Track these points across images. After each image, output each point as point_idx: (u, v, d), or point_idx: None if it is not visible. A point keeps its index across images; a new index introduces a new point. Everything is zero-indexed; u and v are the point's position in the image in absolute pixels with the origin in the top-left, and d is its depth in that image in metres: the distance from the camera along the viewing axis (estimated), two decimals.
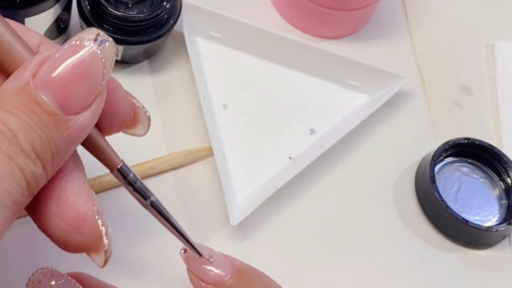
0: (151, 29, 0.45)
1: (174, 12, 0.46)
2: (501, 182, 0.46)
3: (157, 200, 0.29)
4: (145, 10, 0.44)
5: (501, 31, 0.56)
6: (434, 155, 0.45)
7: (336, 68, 0.49)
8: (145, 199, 0.29)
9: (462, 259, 0.44)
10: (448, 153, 0.46)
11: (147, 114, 0.30)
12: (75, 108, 0.24)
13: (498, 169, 0.46)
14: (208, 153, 0.44)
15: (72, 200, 0.25)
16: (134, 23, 0.44)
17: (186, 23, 0.48)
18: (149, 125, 0.31)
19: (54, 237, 0.25)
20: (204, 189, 0.43)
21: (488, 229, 0.43)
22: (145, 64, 0.48)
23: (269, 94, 0.49)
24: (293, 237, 0.43)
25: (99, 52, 0.24)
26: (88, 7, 0.45)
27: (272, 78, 0.49)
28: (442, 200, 0.43)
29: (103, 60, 0.24)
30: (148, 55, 0.48)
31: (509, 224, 0.43)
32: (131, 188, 0.28)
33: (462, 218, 0.42)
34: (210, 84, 0.48)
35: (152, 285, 0.39)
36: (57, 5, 0.42)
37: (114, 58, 0.25)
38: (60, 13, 0.43)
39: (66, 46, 0.24)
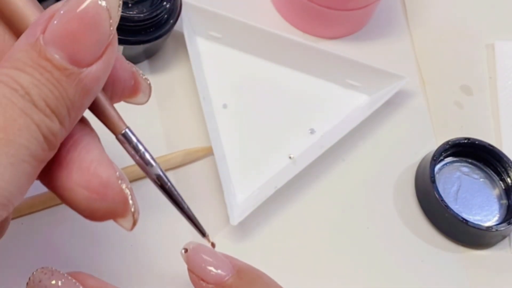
0: (151, 29, 0.45)
1: (174, 12, 0.46)
2: (501, 182, 0.46)
3: (161, 170, 0.29)
4: (145, 10, 0.44)
5: (501, 31, 0.56)
6: (434, 155, 0.45)
7: (336, 68, 0.49)
8: (150, 167, 0.28)
9: (462, 259, 0.44)
10: (448, 153, 0.46)
11: (148, 82, 0.30)
12: (86, 60, 0.24)
13: (498, 169, 0.46)
14: (207, 152, 0.44)
15: (94, 168, 0.25)
16: (134, 23, 0.44)
17: (186, 23, 0.48)
18: (150, 93, 0.30)
19: (79, 207, 0.25)
20: (204, 189, 0.43)
21: (488, 229, 0.43)
22: (145, 64, 0.48)
23: (269, 94, 0.49)
24: (293, 237, 0.43)
25: (103, 2, 0.24)
26: None
27: (272, 78, 0.49)
28: (442, 200, 0.43)
29: (108, 9, 0.24)
30: (148, 55, 0.48)
31: (509, 224, 0.43)
32: (135, 155, 0.28)
33: (462, 218, 0.42)
34: (210, 84, 0.48)
35: (153, 285, 0.39)
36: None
37: (120, 8, 0.25)
38: None
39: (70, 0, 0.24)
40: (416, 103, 0.50)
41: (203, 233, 0.32)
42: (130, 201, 0.25)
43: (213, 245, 0.33)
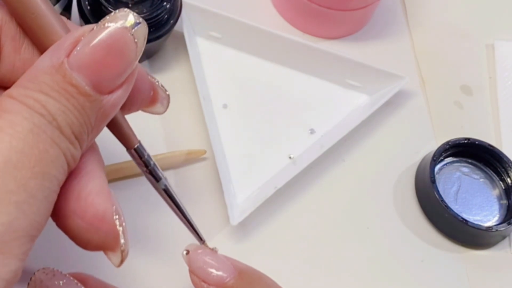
0: (151, 29, 0.45)
1: (174, 12, 0.46)
2: (501, 182, 0.46)
3: (168, 184, 0.30)
4: (145, 10, 0.44)
5: (501, 31, 0.56)
6: (434, 155, 0.45)
7: (336, 68, 0.49)
8: (157, 181, 0.30)
9: (462, 259, 0.44)
10: (448, 153, 0.46)
11: (167, 93, 0.31)
12: (109, 87, 0.24)
13: (498, 169, 0.46)
14: (201, 155, 0.44)
15: (92, 199, 0.25)
16: None
17: (186, 23, 0.48)
18: (168, 103, 0.31)
19: (72, 235, 0.26)
20: (204, 189, 0.43)
21: (488, 229, 0.43)
22: (145, 64, 0.48)
23: (269, 94, 0.49)
24: (293, 237, 0.43)
25: (132, 33, 0.25)
26: (88, 7, 0.45)
27: (272, 78, 0.49)
28: (442, 200, 0.43)
29: (136, 41, 0.25)
30: (148, 55, 0.48)
31: (509, 224, 0.43)
32: (145, 169, 0.29)
33: (462, 218, 0.43)
34: (210, 84, 0.48)
35: (154, 286, 0.39)
36: (57, 5, 0.42)
37: (146, 39, 0.25)
38: (60, 13, 0.43)
39: (100, 26, 0.24)
40: (416, 103, 0.50)
41: (202, 241, 0.33)
42: (122, 239, 0.26)
43: (215, 250, 0.33)
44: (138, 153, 0.28)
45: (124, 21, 0.25)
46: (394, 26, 0.54)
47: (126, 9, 0.25)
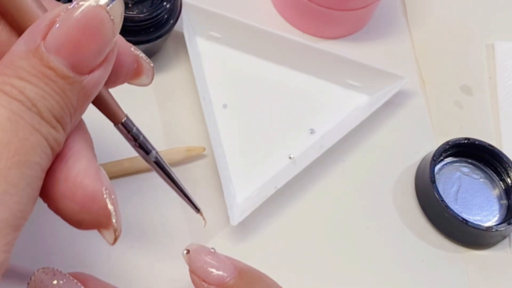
0: (151, 29, 0.45)
1: (174, 12, 0.46)
2: (501, 182, 0.46)
3: (159, 155, 0.30)
4: (145, 10, 0.44)
5: (501, 31, 0.56)
6: (434, 155, 0.45)
7: (336, 68, 0.49)
8: (148, 153, 0.29)
9: (462, 259, 0.44)
10: (448, 153, 0.46)
11: (151, 64, 0.30)
12: (88, 67, 0.24)
13: (498, 169, 0.46)
14: (201, 152, 0.44)
15: (80, 180, 0.25)
16: (134, 23, 0.44)
17: (186, 23, 0.48)
18: (153, 75, 0.31)
19: (64, 216, 0.25)
20: (204, 189, 0.43)
21: (488, 229, 0.43)
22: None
23: (269, 94, 0.49)
24: (293, 237, 0.43)
25: (107, 10, 0.24)
26: None
27: (272, 78, 0.49)
28: (442, 200, 0.43)
29: (112, 18, 0.24)
30: (148, 55, 0.47)
31: (509, 224, 0.43)
32: (134, 143, 0.29)
33: (462, 218, 0.43)
34: (210, 84, 0.48)
35: (154, 285, 0.39)
36: None
37: (123, 15, 0.25)
38: None
39: (75, 6, 0.24)
40: (416, 103, 0.50)
41: (198, 210, 0.33)
42: (113, 217, 0.25)
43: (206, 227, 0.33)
44: (126, 127, 0.28)
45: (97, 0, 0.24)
46: (394, 26, 0.54)
47: None
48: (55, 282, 0.27)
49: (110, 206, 0.25)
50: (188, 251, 0.33)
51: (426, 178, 0.44)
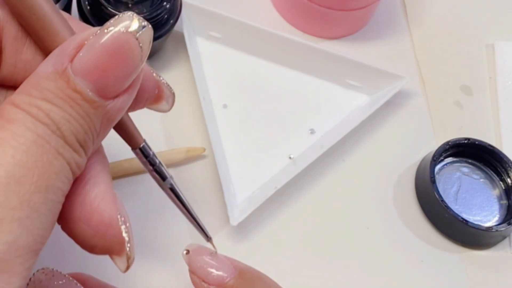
0: None
1: (174, 12, 0.46)
2: (501, 182, 0.46)
3: (174, 182, 0.30)
4: (145, 10, 0.44)
5: (501, 31, 0.56)
6: (434, 155, 0.45)
7: (336, 68, 0.49)
8: (164, 179, 0.29)
9: (462, 259, 0.44)
10: (448, 153, 0.46)
11: (172, 91, 0.30)
12: (114, 93, 0.24)
13: (498, 169, 0.46)
14: (201, 153, 0.44)
15: (97, 205, 0.25)
16: None
17: (186, 23, 0.48)
18: (173, 101, 0.30)
19: (78, 240, 0.25)
20: (204, 189, 0.43)
21: (488, 229, 0.43)
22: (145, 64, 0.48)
23: (269, 94, 0.49)
24: (293, 237, 0.43)
25: (137, 37, 0.24)
26: (88, 7, 0.45)
27: (272, 78, 0.49)
28: (442, 200, 0.43)
29: (141, 45, 0.24)
30: (148, 55, 0.48)
31: (509, 224, 0.43)
32: (151, 168, 0.29)
33: (462, 218, 0.42)
34: (210, 84, 0.48)
35: (153, 285, 0.39)
36: (57, 5, 0.41)
37: (151, 43, 0.25)
38: None
39: (104, 30, 0.24)
40: (416, 103, 0.50)
41: (208, 237, 0.33)
42: (127, 246, 0.26)
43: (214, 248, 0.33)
44: (143, 152, 0.28)
45: (129, 25, 0.24)
46: (394, 26, 0.54)
47: (131, 12, 0.25)
48: (54, 282, 0.27)
49: (124, 234, 0.25)
50: (188, 251, 0.33)
51: (426, 178, 0.44)
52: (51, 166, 0.22)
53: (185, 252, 0.33)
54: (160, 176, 0.29)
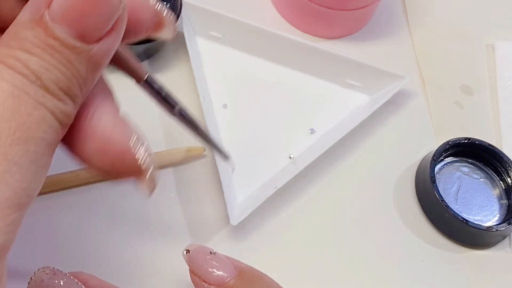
0: None
1: (174, 12, 0.46)
2: (501, 182, 0.46)
3: (183, 106, 0.29)
4: None
5: (501, 31, 0.56)
6: (434, 155, 0.45)
7: (336, 68, 0.49)
8: (173, 107, 0.29)
9: (462, 259, 0.44)
10: (448, 153, 0.46)
11: (171, 17, 0.29)
12: (96, 36, 0.23)
13: (498, 169, 0.46)
14: (201, 152, 0.44)
15: (109, 135, 0.24)
16: None
17: (186, 23, 0.48)
18: (175, 29, 0.29)
19: (99, 172, 0.25)
20: (204, 189, 0.43)
21: (488, 229, 0.43)
22: (145, 64, 0.48)
23: (269, 94, 0.49)
24: (293, 237, 0.43)
25: None
26: None
27: (272, 78, 0.49)
28: (442, 200, 0.43)
29: None
30: (148, 55, 0.48)
31: (509, 224, 0.43)
32: (159, 97, 0.28)
33: (462, 218, 0.42)
34: (210, 84, 0.48)
35: (153, 285, 0.39)
36: None
37: None
38: None
39: None
40: (416, 103, 0.50)
41: (226, 157, 0.33)
42: (149, 166, 0.25)
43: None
44: (149, 83, 0.27)
45: None
46: (394, 26, 0.54)
47: None
48: (55, 281, 0.27)
49: (143, 154, 0.25)
50: (188, 251, 0.33)
51: (426, 178, 0.44)
52: (30, 116, 0.22)
53: (185, 252, 0.33)
54: (170, 104, 0.28)
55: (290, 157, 0.46)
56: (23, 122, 0.21)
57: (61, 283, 0.27)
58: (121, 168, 0.24)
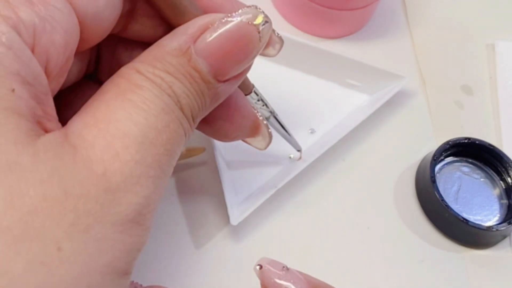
0: None
1: None
2: (501, 182, 0.46)
3: (276, 114, 0.38)
4: None
5: (501, 30, 0.56)
6: (434, 155, 0.45)
7: (337, 68, 0.49)
8: (271, 113, 0.36)
9: (462, 259, 0.44)
10: (449, 152, 0.46)
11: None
12: (227, 77, 0.26)
13: (499, 168, 0.46)
14: (201, 152, 0.44)
15: (248, 112, 0.32)
16: None
17: None
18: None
19: (219, 136, 0.32)
20: (204, 189, 0.43)
21: (489, 228, 0.43)
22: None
23: (269, 93, 0.48)
24: (293, 237, 0.43)
25: (259, 30, 0.26)
26: None
27: (272, 78, 0.49)
28: (443, 200, 0.43)
29: (260, 37, 0.26)
30: None
31: (509, 223, 0.43)
32: (262, 106, 0.34)
33: (462, 217, 0.42)
34: None
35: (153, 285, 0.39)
36: None
37: (269, 37, 0.27)
38: None
39: (230, 17, 0.25)
40: (417, 103, 0.50)
41: (298, 149, 0.42)
42: (265, 129, 0.34)
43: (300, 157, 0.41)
44: (256, 94, 0.34)
45: (253, 18, 0.25)
46: (395, 26, 0.54)
47: (255, 5, 0.26)
48: None
49: (263, 127, 0.34)
50: (261, 266, 0.32)
51: (426, 177, 0.44)
52: (175, 133, 0.24)
53: (258, 267, 0.32)
54: (268, 110, 0.36)
55: (290, 157, 0.46)
56: (171, 136, 0.24)
57: None
58: (242, 130, 0.32)
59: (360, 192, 0.46)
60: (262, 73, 0.49)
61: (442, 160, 0.46)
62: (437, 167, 0.46)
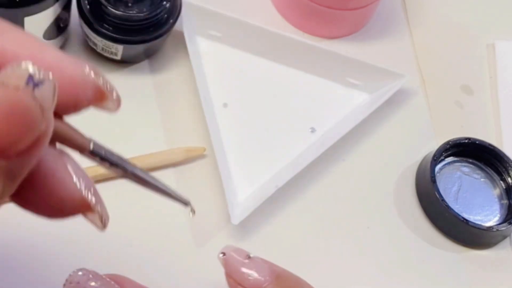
0: (151, 29, 0.45)
1: (174, 12, 0.46)
2: (501, 182, 0.46)
3: (136, 168, 0.27)
4: (145, 10, 0.44)
5: (501, 30, 0.56)
6: (434, 155, 0.45)
7: (337, 67, 0.48)
8: (126, 171, 0.26)
9: (463, 259, 0.44)
10: (449, 152, 0.46)
11: (113, 92, 0.26)
12: (13, 153, 0.21)
13: (499, 168, 0.46)
14: (201, 153, 0.44)
15: (57, 192, 0.23)
16: (134, 23, 0.44)
17: (186, 22, 0.48)
18: (119, 102, 0.26)
19: (44, 215, 0.24)
20: (205, 188, 0.43)
21: (489, 229, 0.43)
22: (145, 63, 0.48)
23: (269, 93, 0.48)
24: (293, 236, 0.43)
25: (34, 96, 0.20)
26: (88, 7, 0.44)
27: (272, 77, 0.49)
28: (443, 200, 0.43)
29: (40, 104, 0.20)
30: (148, 55, 0.48)
31: (509, 224, 0.43)
32: (107, 165, 0.26)
33: (462, 218, 0.42)
34: (210, 83, 0.48)
35: (153, 285, 0.39)
36: (56, 4, 0.41)
37: (56, 96, 0.21)
38: (60, 13, 0.43)
39: None
40: (417, 103, 0.50)
41: (185, 203, 0.29)
42: (97, 208, 0.25)
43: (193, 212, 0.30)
44: (95, 154, 0.25)
45: (22, 82, 0.20)
46: (395, 25, 0.54)
47: (25, 62, 0.20)
48: (92, 283, 0.26)
49: (91, 198, 0.25)
50: (224, 254, 0.32)
51: (426, 177, 0.44)
52: None
53: (221, 254, 0.31)
54: (123, 169, 0.26)
55: (290, 157, 0.46)
56: None
57: (98, 285, 0.26)
58: (70, 210, 0.24)
59: (360, 191, 0.45)
60: (262, 72, 0.49)
61: (442, 160, 0.46)
62: (437, 167, 0.46)
